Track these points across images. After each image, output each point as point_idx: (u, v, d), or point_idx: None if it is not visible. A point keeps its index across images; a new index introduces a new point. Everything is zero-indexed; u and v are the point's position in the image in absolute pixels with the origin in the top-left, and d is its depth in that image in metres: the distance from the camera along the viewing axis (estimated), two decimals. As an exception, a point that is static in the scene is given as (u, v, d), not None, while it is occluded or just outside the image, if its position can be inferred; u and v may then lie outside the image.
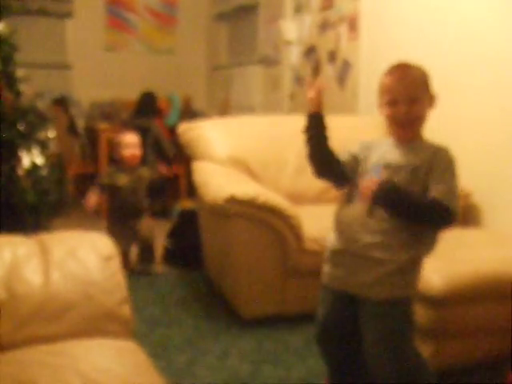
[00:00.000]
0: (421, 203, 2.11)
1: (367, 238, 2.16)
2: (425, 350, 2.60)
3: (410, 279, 2.19)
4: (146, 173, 4.48)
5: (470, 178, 3.34)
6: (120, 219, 4.36)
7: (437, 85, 2.21)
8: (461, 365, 2.82)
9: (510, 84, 3.54)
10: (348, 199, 2.29)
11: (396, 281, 2.15)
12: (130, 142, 4.42)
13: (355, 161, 2.29)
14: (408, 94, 2.14)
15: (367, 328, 2.22)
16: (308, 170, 4.14)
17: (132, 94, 6.71)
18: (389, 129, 2.25)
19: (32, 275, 1.96)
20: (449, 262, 2.79)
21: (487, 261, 2.86)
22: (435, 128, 2.33)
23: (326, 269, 2.33)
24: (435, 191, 2.09)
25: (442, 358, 2.73)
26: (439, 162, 2.13)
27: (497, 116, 3.63)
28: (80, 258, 2.05)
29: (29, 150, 3.96)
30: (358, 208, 2.20)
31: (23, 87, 4.09)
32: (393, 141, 2.24)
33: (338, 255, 2.26)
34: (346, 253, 2.22)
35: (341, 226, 2.26)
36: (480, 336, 2.83)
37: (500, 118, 3.61)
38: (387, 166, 2.18)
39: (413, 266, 2.19)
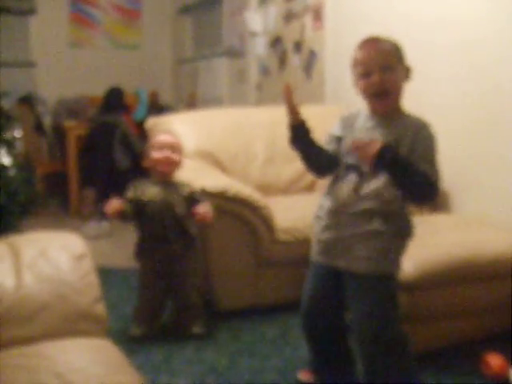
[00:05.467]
0: (416, 171, 2.14)
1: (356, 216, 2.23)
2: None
3: (395, 256, 2.27)
4: (185, 189, 3.20)
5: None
6: (150, 257, 3.25)
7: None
8: (434, 348, 2.85)
9: (474, 69, 3.57)
10: (336, 179, 2.31)
11: (383, 256, 2.22)
12: (165, 143, 3.23)
13: (339, 142, 2.32)
14: (380, 63, 2.18)
15: (354, 301, 2.28)
16: (277, 160, 4.19)
17: (98, 91, 6.65)
18: (366, 102, 2.28)
19: (3, 277, 1.95)
20: (420, 248, 2.82)
21: (457, 245, 2.90)
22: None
23: (314, 245, 2.38)
24: (421, 167, 2.14)
25: (415, 342, 2.75)
26: (422, 141, 2.18)
27: (462, 101, 3.66)
28: (51, 258, 2.04)
29: (-5, 150, 3.92)
30: (347, 187, 2.24)
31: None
32: (372, 115, 2.27)
33: (327, 231, 2.31)
34: (335, 228, 2.28)
35: (332, 204, 2.30)
36: (452, 319, 2.87)
37: (465, 102, 3.64)
38: None
39: (398, 243, 2.26)
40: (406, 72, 2.24)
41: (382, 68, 2.18)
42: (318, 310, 2.42)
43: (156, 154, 3.20)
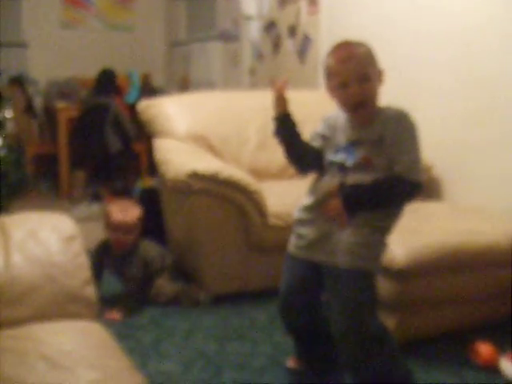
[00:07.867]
0: (386, 190, 2.16)
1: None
2: (389, 322, 2.62)
3: (375, 253, 2.23)
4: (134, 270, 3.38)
5: (431, 151, 3.34)
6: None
7: (396, 56, 2.21)
8: (425, 336, 2.85)
9: (469, 57, 3.56)
10: (319, 176, 2.30)
11: (363, 252, 2.18)
12: (119, 225, 3.36)
13: (325, 140, 2.30)
14: (357, 74, 2.13)
15: (333, 295, 2.26)
16: (269, 145, 4.16)
17: (90, 72, 6.59)
18: (344, 111, 2.24)
19: (-8, 258, 1.93)
20: (411, 235, 2.81)
21: (449, 233, 2.89)
22: (395, 100, 2.33)
23: (293, 239, 2.36)
24: (400, 164, 2.13)
25: (405, 330, 2.76)
26: (403, 132, 2.16)
27: (456, 89, 3.65)
28: (41, 239, 2.02)
29: (-15, 131, 3.89)
30: (330, 181, 2.23)
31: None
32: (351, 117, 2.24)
33: (307, 226, 2.29)
34: (316, 223, 2.26)
35: (315, 198, 2.28)
36: (443, 307, 2.86)
37: (460, 89, 3.63)
38: (356, 143, 2.19)
39: (379, 240, 2.23)
40: (380, 75, 2.20)
41: (359, 79, 2.13)
42: (295, 304, 2.40)
43: (110, 235, 3.39)
